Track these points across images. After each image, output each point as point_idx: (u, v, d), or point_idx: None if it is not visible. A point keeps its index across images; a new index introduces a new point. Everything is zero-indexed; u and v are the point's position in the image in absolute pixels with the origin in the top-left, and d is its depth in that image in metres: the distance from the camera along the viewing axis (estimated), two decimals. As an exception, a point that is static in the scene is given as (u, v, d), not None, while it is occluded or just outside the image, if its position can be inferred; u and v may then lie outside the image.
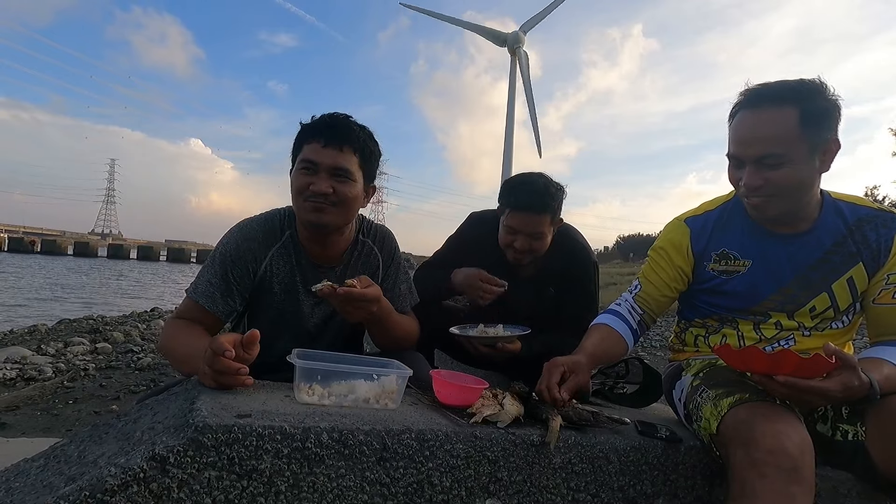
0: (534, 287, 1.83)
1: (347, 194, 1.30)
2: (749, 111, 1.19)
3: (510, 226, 1.69)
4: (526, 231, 1.68)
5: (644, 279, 1.46)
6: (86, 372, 4.17)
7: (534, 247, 1.70)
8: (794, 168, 1.15)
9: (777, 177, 1.16)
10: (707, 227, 1.37)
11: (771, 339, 1.31)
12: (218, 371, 0.97)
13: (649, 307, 1.44)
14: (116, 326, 7.14)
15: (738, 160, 1.22)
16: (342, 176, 1.29)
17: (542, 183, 1.69)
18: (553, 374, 1.20)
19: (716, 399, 1.14)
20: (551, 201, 1.68)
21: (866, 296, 1.27)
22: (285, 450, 0.87)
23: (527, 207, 1.66)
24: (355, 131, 1.31)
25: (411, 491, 0.95)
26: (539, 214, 1.66)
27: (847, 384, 1.00)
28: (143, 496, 0.77)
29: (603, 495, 1.11)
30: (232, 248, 1.33)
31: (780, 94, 1.15)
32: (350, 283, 1.20)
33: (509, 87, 37.01)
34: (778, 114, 1.14)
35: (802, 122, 1.13)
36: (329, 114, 1.34)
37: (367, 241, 1.49)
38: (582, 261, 1.84)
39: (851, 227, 1.25)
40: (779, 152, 1.14)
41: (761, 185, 1.18)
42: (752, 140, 1.17)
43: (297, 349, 1.09)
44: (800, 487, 0.93)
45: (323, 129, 1.29)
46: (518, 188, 1.70)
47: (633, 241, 78.26)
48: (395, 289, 1.50)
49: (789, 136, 1.13)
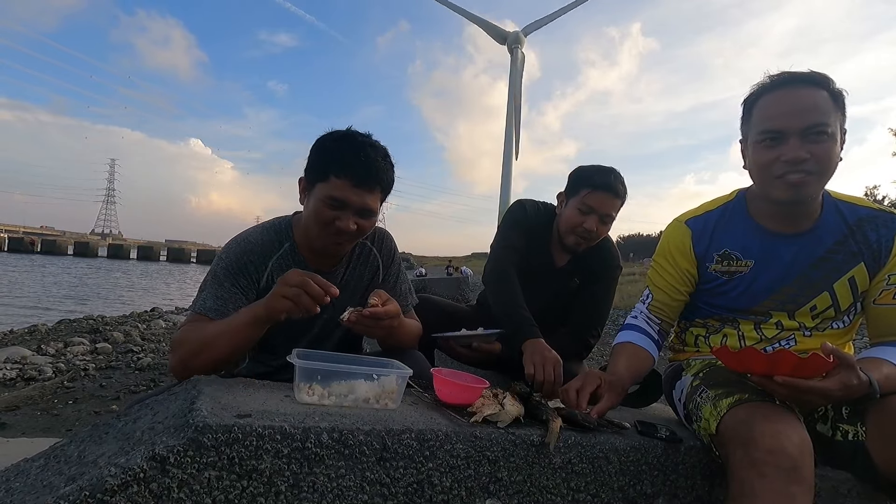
0: (564, 276, 1.92)
1: (368, 228, 1.34)
2: (784, 89, 1.19)
3: (588, 204, 1.78)
4: (601, 211, 1.78)
5: (653, 286, 1.46)
6: (86, 372, 4.18)
7: (600, 230, 1.80)
8: (832, 145, 1.17)
9: (820, 151, 1.16)
10: (708, 228, 1.37)
11: (772, 338, 1.31)
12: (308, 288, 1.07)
13: (664, 314, 1.45)
14: (116, 326, 7.14)
15: (779, 133, 1.18)
16: (368, 215, 1.31)
17: (619, 173, 1.83)
18: (588, 385, 1.24)
19: (715, 399, 1.14)
20: (625, 190, 1.81)
21: (867, 296, 1.27)
22: (285, 450, 0.86)
23: (610, 188, 1.77)
24: (384, 171, 1.30)
25: (411, 491, 0.95)
26: (617, 197, 1.78)
27: (846, 383, 1.00)
28: (143, 496, 0.77)
29: (603, 495, 1.11)
30: (233, 261, 1.31)
31: (810, 77, 1.18)
32: (372, 302, 1.21)
33: (509, 87, 37.00)
34: (816, 91, 1.17)
35: (834, 103, 1.17)
36: (357, 143, 1.28)
37: (367, 242, 1.49)
38: (611, 261, 1.93)
39: (852, 227, 1.25)
40: (824, 122, 1.15)
41: (807, 159, 1.16)
42: (799, 111, 1.16)
43: (297, 349, 1.09)
44: (799, 487, 0.93)
45: (355, 170, 1.25)
46: (601, 171, 1.81)
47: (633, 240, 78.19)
48: (397, 289, 1.50)
49: (829, 110, 1.16)
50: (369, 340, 1.57)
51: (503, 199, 34.04)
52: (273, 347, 1.42)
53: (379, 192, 1.31)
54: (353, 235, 1.31)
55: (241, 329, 1.14)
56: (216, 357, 1.15)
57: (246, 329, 1.14)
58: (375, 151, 1.29)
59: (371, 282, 1.50)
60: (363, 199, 1.27)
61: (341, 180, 1.25)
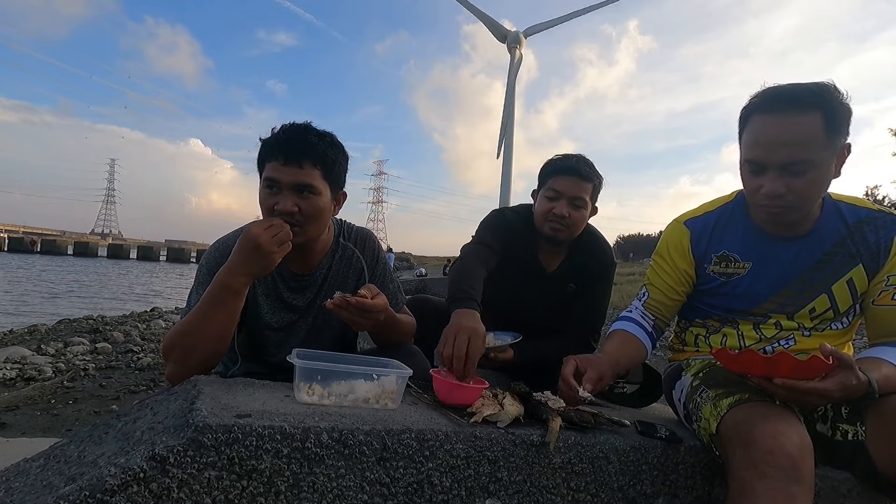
0: (557, 282, 1.88)
1: (313, 210, 1.28)
2: (772, 115, 1.14)
3: (555, 189, 1.76)
4: (569, 194, 1.74)
5: (650, 285, 1.46)
6: (86, 372, 4.18)
7: (573, 216, 1.75)
8: (817, 174, 1.12)
9: (800, 185, 1.13)
10: (707, 229, 1.37)
11: (771, 338, 1.31)
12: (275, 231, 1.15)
13: (660, 313, 1.44)
14: (116, 326, 7.14)
15: (760, 165, 1.16)
16: (306, 191, 1.27)
17: (586, 158, 1.81)
18: (565, 369, 1.22)
19: (715, 399, 1.14)
20: (595, 173, 1.79)
21: (866, 297, 1.27)
22: (285, 450, 0.86)
23: (573, 171, 1.75)
24: (314, 144, 1.28)
25: (411, 491, 0.95)
26: (583, 180, 1.75)
27: (845, 384, 1.00)
28: (143, 496, 0.77)
29: (603, 495, 1.11)
30: (214, 265, 1.30)
31: (803, 98, 1.11)
32: (362, 293, 1.21)
33: (507, 86, 36.99)
34: (804, 119, 1.10)
35: (827, 127, 1.10)
36: (286, 127, 1.30)
37: (349, 244, 1.49)
38: (604, 262, 1.90)
39: (851, 229, 1.25)
40: (805, 158, 1.11)
41: (784, 193, 1.14)
42: (778, 145, 1.12)
43: (297, 349, 1.09)
44: (799, 487, 0.93)
45: (281, 146, 1.26)
46: (563, 157, 1.81)
47: (632, 240, 78.29)
48: (384, 289, 1.50)
49: (816, 142, 1.10)
50: (364, 336, 1.57)
51: (503, 200, 34.12)
52: (262, 349, 1.43)
53: (314, 167, 1.28)
54: (299, 221, 1.27)
55: (219, 298, 1.16)
56: (211, 335, 1.16)
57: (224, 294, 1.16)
58: (306, 131, 1.30)
59: (357, 284, 1.49)
60: (294, 175, 1.25)
61: (272, 162, 1.27)
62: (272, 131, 1.31)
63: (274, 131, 1.31)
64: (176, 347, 1.18)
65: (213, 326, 1.15)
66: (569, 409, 1.16)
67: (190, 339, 1.16)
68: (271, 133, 1.31)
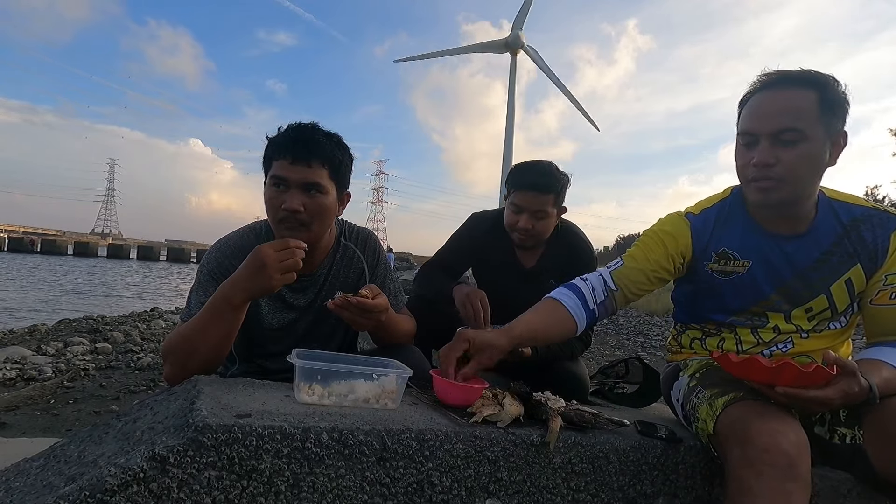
0: (537, 279, 1.87)
1: (319, 208, 1.29)
2: (768, 90, 1.18)
3: (516, 204, 1.77)
4: (530, 209, 1.75)
5: (629, 257, 1.38)
6: (86, 372, 4.17)
7: (537, 227, 1.77)
8: (808, 147, 1.13)
9: (789, 156, 1.14)
10: (708, 226, 1.34)
11: (769, 342, 1.30)
12: (285, 257, 1.13)
13: (625, 286, 1.35)
14: (116, 326, 7.14)
15: (752, 136, 1.18)
16: (313, 190, 1.28)
17: (547, 166, 1.80)
18: (453, 351, 1.17)
19: (711, 399, 1.14)
20: (555, 183, 1.76)
21: (864, 296, 1.26)
22: (285, 450, 0.87)
23: (531, 186, 1.75)
24: (322, 144, 1.29)
25: (411, 491, 0.95)
26: (543, 194, 1.74)
27: (847, 391, 1.00)
28: (143, 496, 0.77)
29: (603, 495, 1.11)
30: (214, 266, 1.32)
31: (800, 77, 1.16)
32: (363, 293, 1.21)
33: (509, 88, 37.02)
34: (799, 93, 1.14)
35: (821, 105, 1.13)
36: (294, 126, 1.31)
37: (350, 244, 1.49)
38: (583, 254, 1.90)
39: (847, 228, 1.24)
40: (798, 127, 1.12)
41: (773, 164, 1.15)
42: (772, 113, 1.15)
43: (297, 349, 1.09)
44: (796, 485, 0.93)
45: (290, 145, 1.27)
46: (524, 169, 1.80)
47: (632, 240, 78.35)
48: (385, 289, 1.50)
49: (809, 114, 1.13)
50: (364, 336, 1.57)
51: (502, 200, 34.03)
52: (261, 349, 1.43)
53: (322, 166, 1.28)
54: (305, 220, 1.28)
55: (220, 310, 1.15)
56: (210, 343, 1.15)
57: (228, 313, 1.15)
58: (314, 131, 1.31)
59: (358, 283, 1.49)
60: (303, 174, 1.26)
61: (280, 161, 1.27)
62: (279, 130, 1.32)
63: (281, 130, 1.32)
64: (175, 351, 1.18)
65: (212, 335, 1.16)
66: (569, 408, 1.16)
67: (189, 344, 1.16)
68: (278, 132, 1.32)
